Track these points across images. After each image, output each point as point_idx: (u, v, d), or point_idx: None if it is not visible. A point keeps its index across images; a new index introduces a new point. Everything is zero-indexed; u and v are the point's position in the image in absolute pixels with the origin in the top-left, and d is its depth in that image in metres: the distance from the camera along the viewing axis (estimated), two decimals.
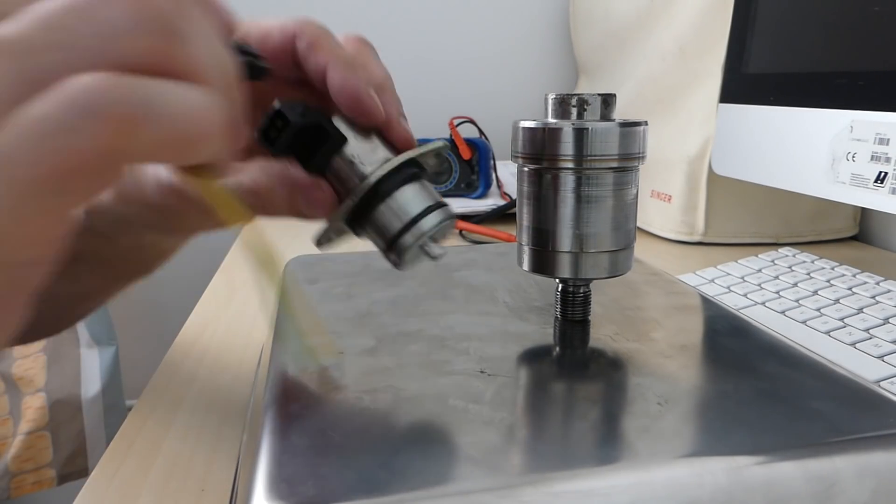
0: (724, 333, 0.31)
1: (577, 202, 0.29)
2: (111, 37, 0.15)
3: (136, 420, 0.38)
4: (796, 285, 0.52)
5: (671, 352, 0.29)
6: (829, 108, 0.53)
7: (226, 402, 0.40)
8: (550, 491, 0.20)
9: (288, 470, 0.21)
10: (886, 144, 0.48)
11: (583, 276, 0.30)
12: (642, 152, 0.29)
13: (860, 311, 0.46)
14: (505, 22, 1.15)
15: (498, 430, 0.22)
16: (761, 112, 0.60)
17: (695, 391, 0.26)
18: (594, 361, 0.29)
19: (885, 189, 0.47)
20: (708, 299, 0.36)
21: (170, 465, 0.34)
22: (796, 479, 0.21)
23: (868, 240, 0.77)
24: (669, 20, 0.78)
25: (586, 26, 1.03)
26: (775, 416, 0.23)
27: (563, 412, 0.24)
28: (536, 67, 1.16)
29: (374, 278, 0.40)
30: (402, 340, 0.32)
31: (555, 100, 0.29)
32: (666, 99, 0.78)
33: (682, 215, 0.74)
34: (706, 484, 0.21)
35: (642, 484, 0.20)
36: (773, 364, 0.27)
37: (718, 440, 0.22)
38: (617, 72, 0.93)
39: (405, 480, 0.20)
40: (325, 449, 0.22)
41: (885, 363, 0.39)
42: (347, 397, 0.26)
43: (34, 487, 0.95)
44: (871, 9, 0.50)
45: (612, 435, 0.23)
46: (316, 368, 0.28)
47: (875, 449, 0.22)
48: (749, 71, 0.62)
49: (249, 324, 0.53)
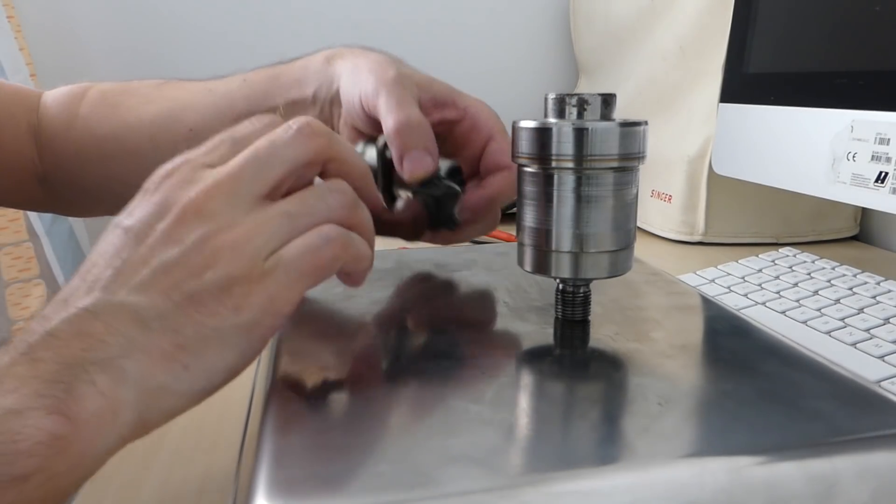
0: (725, 333, 0.31)
1: (577, 202, 0.29)
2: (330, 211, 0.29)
3: None
4: (797, 285, 0.52)
5: (671, 352, 0.29)
6: (830, 108, 0.53)
7: (226, 403, 0.40)
8: (550, 491, 0.20)
9: (288, 470, 0.21)
10: (887, 144, 0.48)
11: (583, 276, 0.30)
12: (642, 152, 0.29)
13: (861, 312, 0.45)
14: (505, 22, 1.15)
15: (498, 430, 0.22)
16: (761, 112, 0.60)
17: (695, 391, 0.26)
18: (594, 361, 0.29)
19: (886, 189, 0.47)
20: (708, 299, 0.36)
21: (170, 465, 0.34)
22: (797, 479, 0.21)
23: (868, 240, 0.77)
24: (670, 20, 0.78)
25: (586, 26, 1.03)
26: (776, 416, 0.23)
27: (563, 412, 0.24)
28: (536, 67, 1.16)
29: (374, 278, 0.40)
30: (402, 341, 0.32)
31: (555, 100, 0.29)
32: (666, 99, 0.78)
33: (683, 215, 0.73)
34: (706, 484, 0.20)
35: (642, 484, 0.20)
36: (774, 364, 0.27)
37: (718, 440, 0.22)
38: (617, 72, 0.93)
39: (405, 480, 0.20)
40: (325, 449, 0.22)
41: (885, 363, 0.39)
42: (347, 397, 0.26)
43: None
44: (872, 9, 0.50)
45: (612, 435, 0.23)
46: (316, 368, 0.28)
47: (876, 449, 0.22)
48: (749, 71, 0.62)
49: None
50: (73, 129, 0.56)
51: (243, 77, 0.52)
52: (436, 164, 0.38)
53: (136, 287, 0.26)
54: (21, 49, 0.98)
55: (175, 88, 0.55)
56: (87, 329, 0.25)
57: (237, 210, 0.27)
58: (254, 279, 0.26)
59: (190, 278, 0.26)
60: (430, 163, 0.37)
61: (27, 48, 1.00)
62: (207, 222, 0.27)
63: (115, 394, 0.24)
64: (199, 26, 1.08)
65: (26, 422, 0.22)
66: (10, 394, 0.23)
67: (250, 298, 0.26)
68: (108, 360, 0.24)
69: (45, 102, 0.57)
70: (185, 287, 0.26)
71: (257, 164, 0.28)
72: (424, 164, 0.37)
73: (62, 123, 0.56)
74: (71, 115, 0.56)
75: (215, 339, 0.26)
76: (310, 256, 0.27)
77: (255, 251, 0.26)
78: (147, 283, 0.26)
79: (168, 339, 0.25)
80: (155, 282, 0.26)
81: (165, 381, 0.25)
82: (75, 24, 1.06)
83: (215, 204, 0.27)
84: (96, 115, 0.55)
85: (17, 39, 0.98)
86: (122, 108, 0.55)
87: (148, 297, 0.26)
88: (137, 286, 0.26)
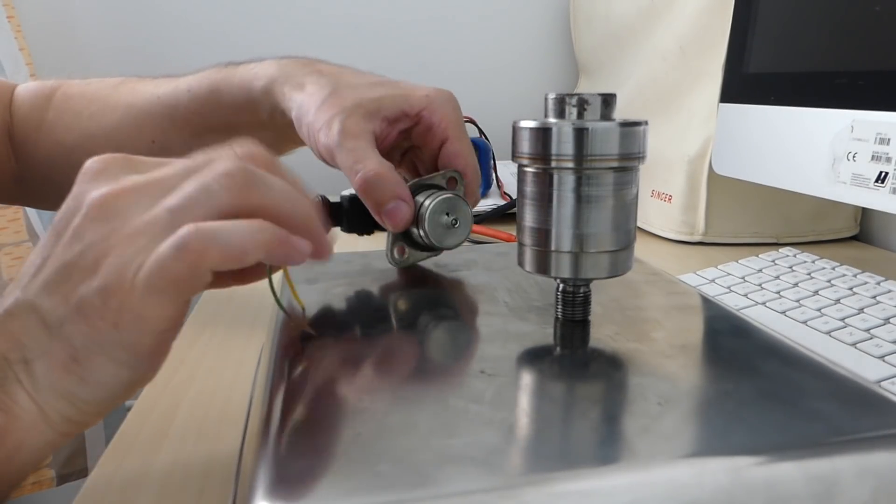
0: (725, 333, 0.31)
1: (577, 202, 0.29)
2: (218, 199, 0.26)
3: (135, 420, 0.38)
4: (797, 285, 0.52)
5: (671, 352, 0.29)
6: (830, 108, 0.53)
7: (226, 402, 0.40)
8: (550, 491, 0.20)
9: (288, 470, 0.21)
10: (887, 144, 0.48)
11: (583, 276, 0.30)
12: (642, 152, 0.29)
13: (861, 312, 0.45)
14: (505, 22, 1.15)
15: (498, 430, 0.22)
16: (761, 112, 0.60)
17: (695, 391, 0.26)
18: (594, 361, 0.29)
19: (886, 189, 0.47)
20: (708, 299, 0.36)
21: (170, 465, 0.34)
22: (796, 479, 0.21)
23: (868, 240, 0.77)
24: (670, 20, 0.78)
25: (587, 26, 1.03)
26: (775, 416, 0.23)
27: (563, 412, 0.24)
28: (536, 67, 1.16)
29: (374, 278, 0.40)
30: (401, 340, 0.32)
31: (555, 100, 0.29)
32: (666, 98, 0.78)
33: (683, 215, 0.73)
34: (706, 484, 0.20)
35: (642, 484, 0.20)
36: (774, 364, 0.27)
37: (718, 440, 0.22)
38: (617, 72, 0.93)
39: (405, 480, 0.20)
40: (324, 449, 0.22)
41: (885, 363, 0.39)
42: (347, 397, 0.26)
43: (34, 488, 0.95)
44: (872, 9, 0.50)
45: (612, 435, 0.23)
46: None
47: (876, 449, 0.22)
48: (749, 71, 0.62)
49: (249, 324, 0.53)
50: (42, 134, 0.56)
51: (188, 87, 0.52)
52: (411, 207, 0.38)
53: (43, 287, 0.26)
54: (21, 49, 0.98)
55: (130, 93, 0.55)
56: (9, 328, 0.26)
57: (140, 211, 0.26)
58: (125, 291, 0.25)
59: (82, 282, 0.25)
60: (406, 210, 0.38)
61: (27, 48, 1.00)
62: (110, 221, 0.26)
63: (37, 394, 0.26)
64: (200, 27, 1.08)
65: None
66: None
67: (123, 314, 0.25)
68: (25, 360, 0.25)
69: (15, 99, 0.57)
70: (79, 291, 0.25)
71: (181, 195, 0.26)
72: (402, 213, 0.38)
73: (31, 127, 0.56)
74: (38, 119, 0.56)
75: (101, 355, 0.25)
76: (160, 272, 0.24)
77: (128, 259, 0.25)
78: (52, 284, 0.26)
79: (65, 348, 0.25)
80: (59, 283, 0.26)
81: (70, 388, 0.26)
82: (75, 24, 1.06)
83: (121, 203, 0.26)
84: (62, 124, 0.56)
85: (17, 39, 0.98)
86: (83, 116, 0.55)
87: (51, 299, 0.26)
88: (44, 286, 0.26)
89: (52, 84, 0.58)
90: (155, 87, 0.54)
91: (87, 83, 0.58)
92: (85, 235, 0.26)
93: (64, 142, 0.55)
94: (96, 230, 0.25)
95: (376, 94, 0.42)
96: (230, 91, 0.50)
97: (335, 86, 0.43)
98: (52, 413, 0.26)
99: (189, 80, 0.52)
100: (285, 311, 0.33)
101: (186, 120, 0.52)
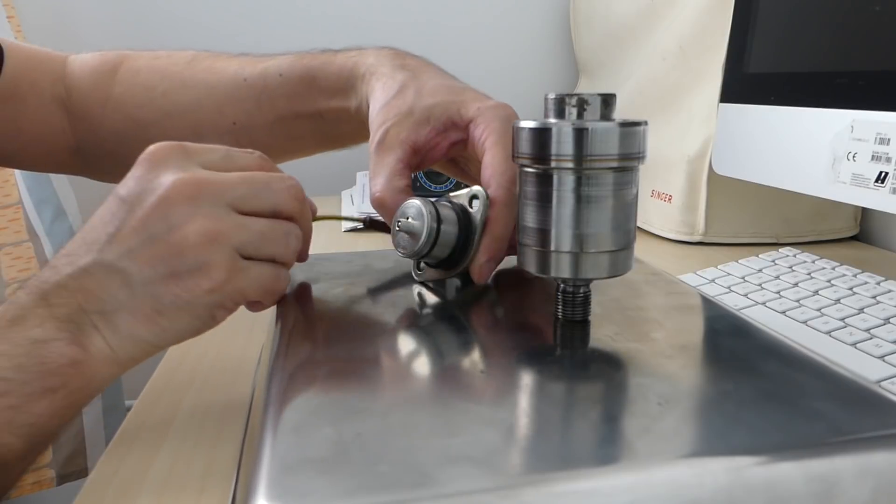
0: (725, 333, 0.31)
1: (577, 202, 0.29)
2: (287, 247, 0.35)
3: (135, 420, 0.38)
4: (797, 285, 0.52)
5: (671, 352, 0.29)
6: (830, 108, 0.53)
7: (226, 402, 0.40)
8: (550, 491, 0.20)
9: (288, 470, 0.21)
10: (887, 144, 0.48)
11: (583, 276, 0.30)
12: (642, 152, 0.29)
13: (861, 312, 0.45)
14: (505, 22, 1.15)
15: (498, 430, 0.22)
16: (761, 112, 0.60)
17: (695, 391, 0.26)
18: (594, 361, 0.29)
19: (886, 189, 0.47)
20: (708, 299, 0.36)
21: (170, 465, 0.34)
22: (796, 479, 0.21)
23: (869, 240, 0.77)
24: (670, 20, 0.78)
25: (587, 26, 1.03)
26: (776, 416, 0.23)
27: (563, 412, 0.24)
28: (536, 67, 1.16)
29: (374, 278, 0.40)
30: (402, 340, 0.32)
31: (555, 100, 0.29)
32: (666, 99, 0.78)
33: (683, 215, 0.73)
34: (706, 484, 0.20)
35: (642, 484, 0.20)
36: (774, 364, 0.27)
37: (718, 440, 0.22)
38: (617, 72, 0.93)
39: (406, 480, 0.20)
40: (325, 449, 0.22)
41: (885, 363, 0.39)
42: (347, 397, 0.26)
43: (34, 488, 0.95)
44: (872, 9, 0.50)
45: (612, 435, 0.23)
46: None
47: (876, 449, 0.22)
48: (749, 71, 0.62)
49: (249, 324, 0.53)
50: (108, 109, 0.55)
51: (279, 71, 0.51)
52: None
53: (126, 253, 0.31)
54: None
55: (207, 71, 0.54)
56: (86, 285, 0.31)
57: (220, 209, 0.32)
58: (231, 269, 0.32)
59: (173, 256, 0.31)
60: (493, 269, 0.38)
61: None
62: (195, 210, 0.31)
63: (113, 339, 0.32)
64: (200, 27, 1.08)
65: (51, 349, 0.30)
66: (35, 328, 0.30)
67: (224, 285, 0.32)
68: (103, 312, 0.31)
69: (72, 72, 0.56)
70: (169, 262, 0.31)
71: (248, 188, 0.33)
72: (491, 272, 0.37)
73: (95, 102, 0.55)
74: (104, 94, 0.55)
75: (187, 311, 0.32)
76: (272, 280, 0.34)
77: (238, 247, 0.32)
78: (136, 251, 0.31)
79: (149, 304, 0.31)
80: (143, 251, 0.31)
81: (146, 337, 0.32)
82: (75, 24, 1.06)
83: (204, 196, 0.31)
84: (133, 99, 0.55)
85: (16, 39, 0.98)
86: (157, 92, 0.54)
87: (136, 264, 0.31)
88: (127, 252, 0.31)
89: (114, 57, 0.56)
90: (239, 66, 0.53)
91: (155, 56, 0.56)
92: (170, 216, 0.31)
93: (136, 117, 0.54)
94: (183, 214, 0.31)
95: (433, 101, 0.42)
96: (326, 77, 0.49)
97: (403, 85, 0.43)
98: (123, 353, 0.32)
99: (280, 64, 0.52)
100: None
101: (273, 103, 0.52)
